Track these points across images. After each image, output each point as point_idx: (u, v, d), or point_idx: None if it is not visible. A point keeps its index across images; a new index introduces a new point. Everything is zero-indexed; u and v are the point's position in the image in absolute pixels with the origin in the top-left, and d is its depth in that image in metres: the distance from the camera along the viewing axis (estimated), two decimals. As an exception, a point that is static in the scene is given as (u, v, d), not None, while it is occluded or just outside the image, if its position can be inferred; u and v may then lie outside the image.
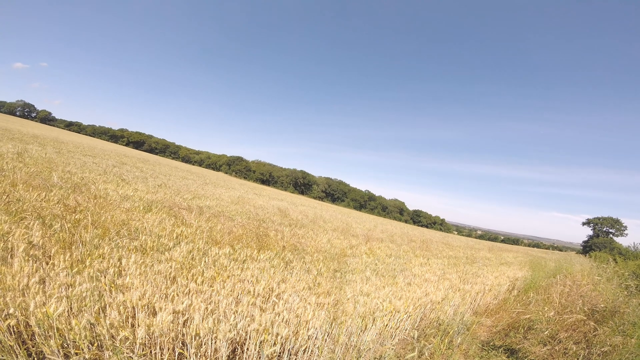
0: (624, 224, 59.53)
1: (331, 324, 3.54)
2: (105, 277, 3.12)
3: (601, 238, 58.07)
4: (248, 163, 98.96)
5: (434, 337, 4.20)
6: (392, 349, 3.87)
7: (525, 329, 5.03)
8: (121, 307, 2.74)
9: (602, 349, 3.96)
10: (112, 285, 3.05)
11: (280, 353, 3.21)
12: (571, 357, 3.94)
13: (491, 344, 4.71)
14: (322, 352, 3.41)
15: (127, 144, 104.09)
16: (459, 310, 5.34)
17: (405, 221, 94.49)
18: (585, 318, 4.53)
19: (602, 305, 4.89)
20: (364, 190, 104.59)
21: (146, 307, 2.83)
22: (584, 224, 63.86)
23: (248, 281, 3.95)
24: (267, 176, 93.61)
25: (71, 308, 2.68)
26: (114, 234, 4.51)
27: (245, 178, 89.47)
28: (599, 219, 61.92)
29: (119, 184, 9.57)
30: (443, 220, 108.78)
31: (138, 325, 2.63)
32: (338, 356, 3.49)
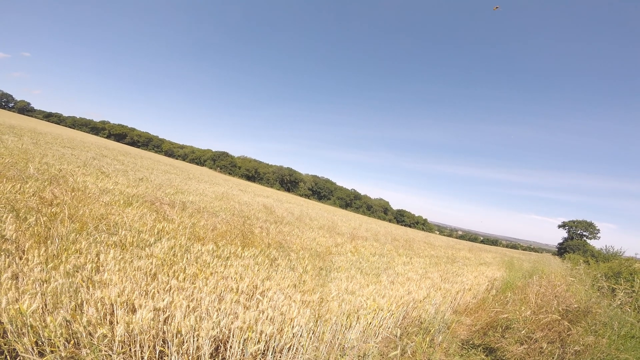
0: (597, 227, 61.98)
1: (316, 321, 3.53)
2: (82, 273, 3.02)
3: (575, 240, 60.25)
4: (233, 159, 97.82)
5: (416, 336, 4.25)
6: (376, 347, 3.89)
7: (503, 328, 5.14)
8: (99, 304, 2.64)
9: (575, 348, 4.08)
10: (90, 281, 2.95)
11: (264, 351, 3.18)
12: (546, 356, 4.03)
13: (470, 342, 4.80)
14: (306, 350, 3.40)
15: (108, 137, 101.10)
16: (440, 309, 5.42)
17: (389, 220, 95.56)
18: (559, 318, 4.66)
19: (576, 306, 5.05)
20: (350, 189, 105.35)
21: (125, 304, 2.76)
22: (559, 226, 66.15)
23: (232, 278, 3.90)
24: (252, 172, 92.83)
25: (46, 305, 2.59)
26: (92, 228, 4.36)
27: (230, 174, 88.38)
28: (573, 222, 64.19)
29: (99, 177, 9.26)
30: (425, 220, 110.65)
31: (117, 323, 2.56)
32: (323, 354, 3.48)
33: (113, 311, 2.72)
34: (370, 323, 4.13)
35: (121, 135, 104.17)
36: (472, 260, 14.60)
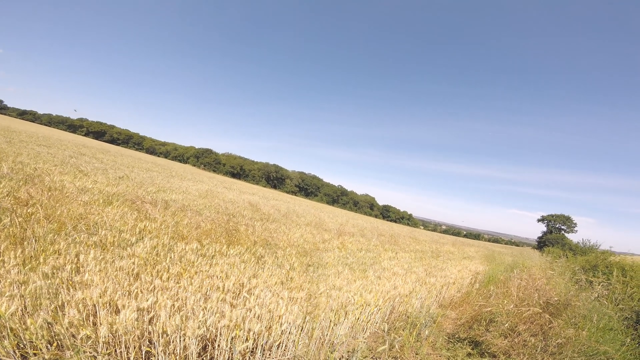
0: (574, 221, 64.16)
1: (304, 318, 3.53)
2: (61, 274, 2.93)
3: (554, 234, 62.20)
4: (218, 156, 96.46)
5: (403, 330, 4.30)
6: (364, 342, 3.93)
7: (487, 321, 5.24)
8: (80, 305, 2.58)
9: (557, 341, 4.19)
10: (70, 282, 2.87)
11: (253, 349, 3.16)
12: (530, 349, 4.14)
13: (456, 336, 4.89)
14: (296, 346, 3.40)
15: (86, 134, 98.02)
16: (425, 303, 5.51)
17: (376, 216, 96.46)
18: (541, 311, 4.79)
19: (556, 299, 5.21)
20: (337, 185, 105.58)
21: (108, 304, 2.69)
22: (538, 220, 68.12)
23: (217, 277, 3.86)
24: (238, 169, 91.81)
25: (25, 307, 2.52)
26: (70, 228, 4.22)
27: (214, 171, 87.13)
28: (552, 216, 66.21)
29: (77, 176, 8.97)
30: (410, 215, 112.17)
31: (100, 324, 2.50)
32: (312, 350, 3.49)
33: (96, 312, 2.66)
34: (359, 318, 4.16)
35: (100, 132, 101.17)
36: (455, 254, 14.89)
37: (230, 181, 47.63)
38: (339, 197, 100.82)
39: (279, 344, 3.37)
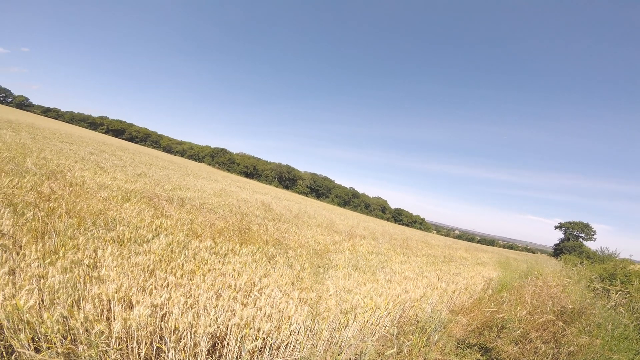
0: (593, 229, 62.18)
1: (313, 319, 3.53)
2: (79, 268, 3.00)
3: (572, 242, 60.42)
4: (232, 155, 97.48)
5: (412, 334, 4.26)
6: (372, 345, 3.90)
7: (498, 328, 5.15)
8: (96, 300, 2.64)
9: (570, 349, 4.07)
10: (87, 277, 2.93)
11: (261, 348, 3.18)
12: (541, 357, 4.04)
13: (466, 342, 4.80)
14: (304, 347, 3.41)
15: (106, 132, 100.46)
16: (436, 308, 5.44)
17: (387, 219, 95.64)
18: (554, 318, 4.66)
19: (571, 306, 5.06)
20: (348, 187, 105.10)
21: (123, 300, 2.74)
22: (556, 227, 66.29)
23: (229, 275, 3.90)
24: (251, 169, 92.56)
25: (43, 300, 2.58)
26: (89, 224, 4.34)
27: (228, 170, 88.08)
28: (570, 223, 64.34)
29: (97, 172, 9.22)
30: (423, 219, 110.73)
31: (114, 319, 2.55)
32: (320, 352, 3.49)
33: (110, 307, 2.71)
34: (367, 321, 4.14)
35: (119, 130, 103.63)
36: (468, 260, 14.64)
37: (243, 181, 48.15)
38: (350, 200, 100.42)
39: (287, 344, 3.38)
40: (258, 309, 3.24)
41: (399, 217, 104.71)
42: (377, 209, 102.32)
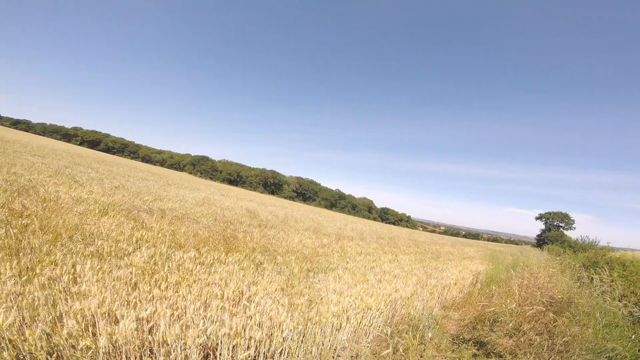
0: (572, 218, 64.44)
1: (306, 324, 3.50)
2: (58, 284, 2.91)
3: (553, 232, 62.34)
4: (214, 163, 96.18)
5: (406, 333, 4.27)
6: (368, 346, 3.90)
7: (490, 321, 5.20)
8: (79, 316, 2.56)
9: (564, 339, 4.15)
10: (67, 293, 2.85)
11: (255, 357, 3.13)
12: (536, 348, 4.10)
13: (460, 337, 4.85)
14: (298, 353, 3.36)
15: (81, 143, 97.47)
16: (427, 305, 5.49)
17: (374, 219, 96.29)
18: (544, 309, 4.75)
19: (559, 297, 5.17)
20: (334, 189, 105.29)
21: (107, 314, 2.67)
22: (537, 218, 68.29)
23: (216, 285, 3.86)
24: (234, 176, 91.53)
25: (23, 318, 2.49)
26: (66, 239, 4.20)
27: (211, 178, 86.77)
28: (550, 213, 66.40)
29: (72, 186, 8.92)
30: (409, 217, 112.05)
31: (100, 334, 2.48)
32: (315, 356, 3.45)
33: (95, 322, 2.64)
34: (361, 323, 4.13)
35: (95, 141, 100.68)
36: (455, 255, 14.88)
37: (227, 188, 47.51)
38: (337, 201, 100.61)
39: (281, 351, 3.34)
40: (248, 318, 3.21)
41: (386, 216, 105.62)
42: (363, 209, 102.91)
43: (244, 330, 2.99)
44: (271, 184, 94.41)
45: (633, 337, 4.52)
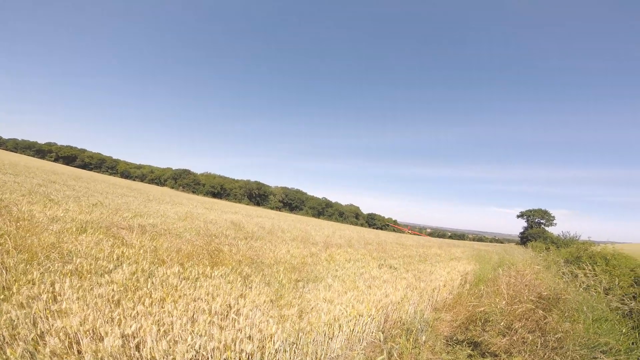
0: (552, 215, 66.27)
1: (298, 335, 3.44)
2: (37, 303, 2.80)
3: (535, 229, 63.88)
4: (196, 176, 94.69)
5: (399, 337, 4.25)
6: (362, 353, 3.85)
7: (482, 321, 5.23)
8: (61, 334, 2.48)
9: (556, 336, 4.17)
10: (48, 311, 2.75)
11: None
12: (530, 346, 4.12)
13: (454, 338, 4.84)
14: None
15: (56, 160, 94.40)
16: (418, 308, 5.50)
17: (361, 225, 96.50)
18: (533, 307, 4.80)
19: (545, 293, 5.25)
20: (321, 197, 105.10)
21: (91, 332, 2.59)
22: (518, 216, 69.93)
23: (202, 299, 3.80)
24: (218, 189, 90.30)
25: (3, 337, 2.41)
26: (43, 258, 4.02)
27: (194, 192, 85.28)
28: (530, 211, 68.08)
29: (47, 205, 8.57)
30: (395, 221, 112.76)
31: (85, 352, 2.40)
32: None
33: (79, 340, 2.55)
34: (353, 330, 4.09)
35: (70, 157, 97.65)
36: (442, 256, 15.06)
37: (210, 201, 46.75)
38: (324, 209, 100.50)
39: (274, 363, 3.26)
40: (238, 331, 3.15)
41: (373, 221, 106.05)
42: (350, 216, 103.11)
43: (234, 344, 2.93)
44: (256, 195, 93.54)
45: (624, 330, 4.58)
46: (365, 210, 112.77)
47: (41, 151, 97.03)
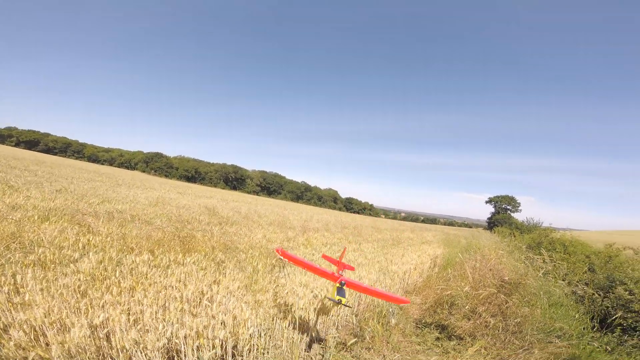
0: (518, 201, 69.61)
1: (273, 319, 3.47)
2: (-1, 296, 2.69)
3: (501, 215, 66.92)
4: (169, 159, 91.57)
5: (372, 320, 4.39)
6: (337, 336, 3.94)
7: (449, 305, 5.41)
8: (25, 326, 2.41)
9: (516, 320, 4.38)
10: (10, 304, 2.65)
11: (223, 355, 3.06)
12: (492, 330, 4.30)
13: (423, 321, 4.99)
14: (267, 349, 3.33)
15: (17, 144, 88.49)
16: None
17: (339, 209, 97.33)
18: (496, 291, 5.01)
19: (507, 278, 5.48)
20: (300, 182, 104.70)
21: (57, 323, 2.52)
22: (486, 202, 73.03)
23: (174, 287, 3.73)
24: (192, 173, 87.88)
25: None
26: (2, 249, 3.82)
27: (166, 176, 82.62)
28: (498, 197, 71.16)
29: (6, 192, 8.07)
30: (372, 205, 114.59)
31: (52, 343, 2.34)
32: (286, 351, 3.44)
33: (44, 332, 2.47)
34: (328, 314, 4.18)
35: (33, 142, 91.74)
36: (415, 240, 15.53)
37: (184, 185, 45.50)
38: (303, 194, 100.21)
39: (250, 348, 3.29)
40: (211, 317, 3.15)
41: (350, 205, 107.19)
42: (329, 200, 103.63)
43: (206, 330, 2.92)
44: (233, 179, 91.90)
45: (576, 315, 4.84)
46: (344, 194, 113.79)
47: (0, 136, 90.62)
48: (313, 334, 3.85)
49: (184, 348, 2.82)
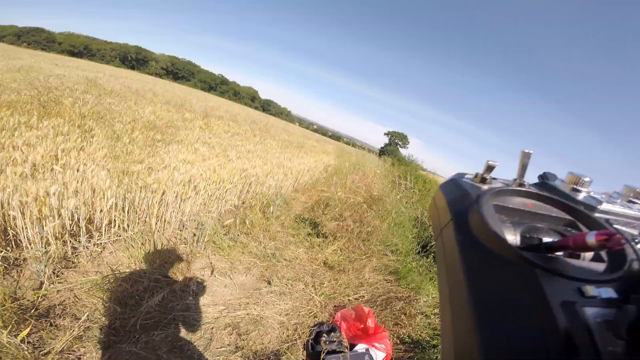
0: (409, 140, 76.91)
1: (140, 192, 2.92)
2: None
3: (392, 147, 73.50)
4: (52, 34, 69.69)
5: (256, 207, 4.22)
6: (216, 217, 3.64)
7: (324, 205, 5.54)
8: None
9: (368, 229, 4.66)
10: None
11: (75, 230, 2.48)
12: (349, 233, 4.49)
13: (302, 217, 4.98)
14: (128, 224, 2.84)
15: None
16: (281, 185, 5.53)
17: (256, 108, 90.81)
18: (362, 200, 5.32)
19: (375, 193, 5.88)
20: (217, 73, 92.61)
21: None
22: (385, 134, 78.95)
23: (17, 149, 2.97)
24: (80, 49, 69.61)
25: None
26: None
27: (44, 49, 63.53)
28: (394, 132, 77.28)
29: None
30: (289, 112, 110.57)
31: None
32: (155, 229, 2.98)
33: None
34: (212, 195, 3.80)
35: None
36: (317, 148, 15.72)
37: (65, 59, 35.27)
38: (217, 86, 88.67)
39: (110, 221, 2.76)
40: (61, 185, 2.45)
41: (268, 107, 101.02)
42: (246, 97, 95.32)
43: (48, 197, 2.27)
44: (132, 59, 76.64)
45: (410, 237, 5.20)
46: (264, 95, 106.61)
47: None
48: (190, 214, 3.47)
49: (21, 220, 2.17)
